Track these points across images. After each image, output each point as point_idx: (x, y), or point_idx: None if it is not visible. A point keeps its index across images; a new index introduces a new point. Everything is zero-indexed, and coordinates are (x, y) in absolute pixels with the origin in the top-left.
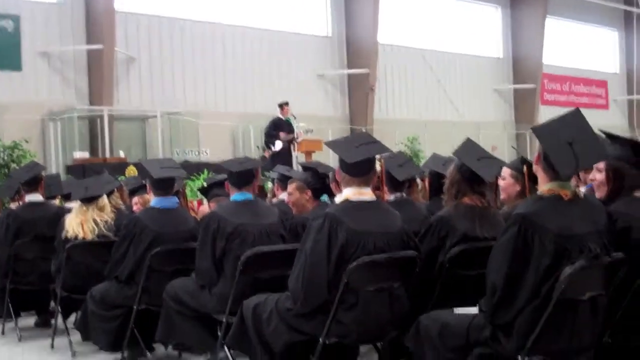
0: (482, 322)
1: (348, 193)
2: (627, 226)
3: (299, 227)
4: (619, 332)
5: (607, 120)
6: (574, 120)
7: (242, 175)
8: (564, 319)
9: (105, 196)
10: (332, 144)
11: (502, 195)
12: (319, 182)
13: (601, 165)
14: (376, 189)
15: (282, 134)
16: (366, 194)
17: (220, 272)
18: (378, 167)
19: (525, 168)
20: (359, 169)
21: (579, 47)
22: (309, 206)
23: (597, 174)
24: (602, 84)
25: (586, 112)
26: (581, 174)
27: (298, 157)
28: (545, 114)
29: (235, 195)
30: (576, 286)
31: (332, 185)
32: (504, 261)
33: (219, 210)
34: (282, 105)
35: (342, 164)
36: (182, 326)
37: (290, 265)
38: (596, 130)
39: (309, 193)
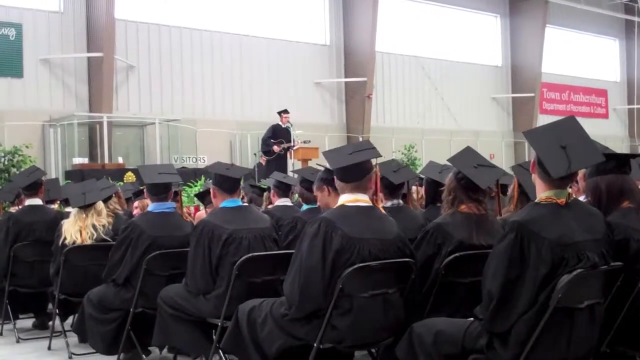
0: (478, 329)
1: (344, 199)
2: (626, 237)
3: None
4: (616, 341)
5: (607, 129)
6: (569, 126)
7: (233, 181)
8: (561, 328)
9: (100, 200)
10: (327, 153)
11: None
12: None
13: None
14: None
15: (275, 147)
16: (361, 200)
17: (215, 279)
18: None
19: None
20: (349, 175)
21: (579, 56)
22: (332, 203)
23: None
24: (602, 92)
25: (586, 121)
26: (580, 182)
27: (294, 164)
28: (544, 122)
29: (225, 202)
30: (574, 294)
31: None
32: (501, 269)
33: (211, 219)
34: (282, 113)
35: (335, 171)
36: (177, 330)
37: (285, 270)
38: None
39: (327, 189)
